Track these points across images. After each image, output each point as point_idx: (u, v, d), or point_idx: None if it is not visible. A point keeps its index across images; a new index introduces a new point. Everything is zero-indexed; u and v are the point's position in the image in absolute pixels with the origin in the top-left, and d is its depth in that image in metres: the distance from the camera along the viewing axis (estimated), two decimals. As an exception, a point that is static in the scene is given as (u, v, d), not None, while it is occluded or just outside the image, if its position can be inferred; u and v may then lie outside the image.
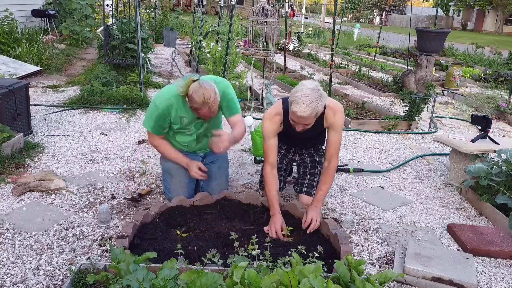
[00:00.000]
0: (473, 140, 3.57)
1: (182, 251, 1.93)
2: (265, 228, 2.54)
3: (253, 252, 1.89)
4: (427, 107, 5.34)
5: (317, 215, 2.55)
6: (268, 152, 2.70)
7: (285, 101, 2.62)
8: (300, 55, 11.79)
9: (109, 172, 3.37)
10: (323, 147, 3.11)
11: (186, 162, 2.81)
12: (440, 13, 34.53)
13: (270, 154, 2.70)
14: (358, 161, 4.04)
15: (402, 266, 2.28)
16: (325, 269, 1.91)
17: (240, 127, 2.78)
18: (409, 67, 8.25)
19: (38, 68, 6.73)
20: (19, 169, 3.28)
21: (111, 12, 7.35)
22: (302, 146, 3.05)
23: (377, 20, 31.85)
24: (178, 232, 2.40)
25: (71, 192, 2.98)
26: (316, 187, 2.93)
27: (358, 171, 3.72)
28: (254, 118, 3.88)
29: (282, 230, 2.49)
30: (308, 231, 2.49)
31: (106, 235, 2.49)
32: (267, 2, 5.03)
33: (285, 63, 8.67)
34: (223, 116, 2.90)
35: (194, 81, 2.51)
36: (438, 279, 2.17)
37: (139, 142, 4.10)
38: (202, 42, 7.42)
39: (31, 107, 4.21)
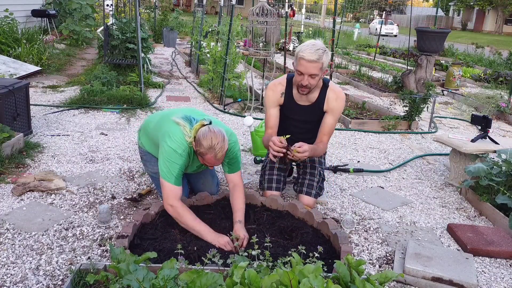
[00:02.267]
0: (473, 140, 3.56)
1: (182, 251, 1.94)
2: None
3: (253, 252, 1.89)
4: (427, 107, 5.34)
5: (307, 151, 2.57)
6: (269, 119, 2.81)
7: (290, 73, 2.73)
8: (300, 55, 11.77)
9: (109, 172, 3.37)
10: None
11: (212, 238, 2.33)
12: (440, 13, 34.51)
13: (271, 120, 2.81)
14: (358, 161, 4.04)
15: (402, 266, 2.28)
16: (325, 269, 1.91)
17: (240, 192, 2.56)
18: (409, 67, 8.25)
19: (38, 68, 6.73)
20: (19, 169, 3.27)
21: (111, 12, 7.35)
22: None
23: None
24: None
25: (71, 192, 2.98)
26: (316, 187, 2.93)
27: (358, 171, 3.72)
28: (254, 118, 3.88)
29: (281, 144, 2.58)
30: (292, 154, 2.54)
31: (106, 235, 2.49)
32: (267, 2, 5.03)
33: (285, 63, 8.64)
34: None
35: (204, 125, 2.38)
36: (438, 279, 2.17)
37: (139, 142, 4.10)
38: (202, 42, 7.42)
39: (31, 107, 4.21)
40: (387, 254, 2.50)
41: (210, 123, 2.40)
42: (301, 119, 2.87)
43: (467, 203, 3.29)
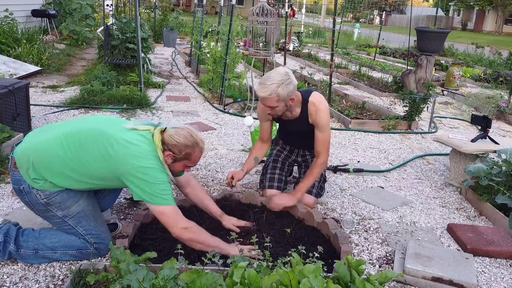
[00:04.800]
0: (473, 140, 3.56)
1: (182, 251, 1.93)
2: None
3: (253, 252, 1.89)
4: (427, 107, 5.34)
5: (287, 201, 2.71)
6: (262, 132, 2.93)
7: None
8: (300, 55, 11.79)
9: (109, 172, 3.37)
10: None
11: (227, 248, 2.14)
12: (440, 13, 34.52)
13: (264, 133, 2.93)
14: (358, 161, 4.04)
15: (402, 266, 2.28)
16: (325, 269, 1.91)
17: (199, 185, 2.52)
18: (409, 67, 8.25)
19: (38, 68, 6.73)
20: (19, 169, 3.27)
21: (111, 12, 7.35)
22: (305, 146, 3.06)
23: (377, 20, 31.86)
24: None
25: (71, 192, 2.98)
26: (317, 187, 2.94)
27: (358, 171, 3.72)
28: (254, 118, 3.88)
29: (233, 181, 2.78)
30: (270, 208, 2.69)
31: (106, 235, 2.48)
32: (267, 2, 5.03)
33: (285, 63, 8.65)
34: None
35: (162, 130, 2.10)
36: (438, 279, 2.17)
37: (139, 142, 4.10)
38: (202, 42, 7.42)
39: (31, 107, 4.21)
40: (387, 254, 2.50)
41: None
42: (294, 130, 2.94)
43: (467, 203, 3.29)
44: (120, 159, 1.97)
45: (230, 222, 2.45)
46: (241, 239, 2.29)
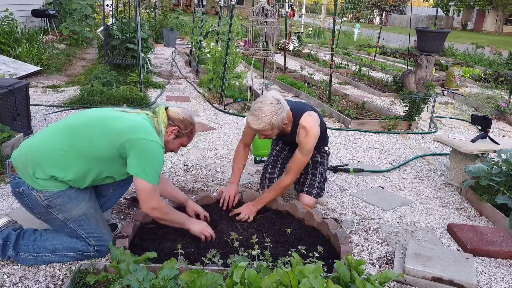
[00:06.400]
0: (473, 140, 3.56)
1: (182, 251, 1.94)
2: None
3: (253, 252, 1.89)
4: (427, 107, 5.34)
5: (249, 211, 2.63)
6: (245, 135, 2.87)
7: None
8: (300, 55, 11.79)
9: (109, 172, 3.37)
10: (326, 148, 3.12)
11: (187, 223, 2.35)
12: (440, 13, 34.54)
13: (247, 137, 2.86)
14: (358, 161, 4.04)
15: (402, 266, 2.28)
16: (325, 269, 1.92)
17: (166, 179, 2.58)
18: (409, 67, 8.25)
19: (38, 68, 6.73)
20: (19, 169, 3.27)
21: (111, 12, 7.35)
22: None
23: (377, 20, 31.87)
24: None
25: (71, 192, 2.97)
26: (317, 187, 2.93)
27: (358, 171, 3.72)
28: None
29: (234, 201, 2.73)
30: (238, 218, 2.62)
31: (106, 235, 2.48)
32: (267, 2, 5.02)
33: (285, 63, 8.67)
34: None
35: (166, 108, 2.25)
36: (438, 279, 2.17)
37: (139, 142, 4.10)
38: (202, 42, 7.42)
39: (31, 107, 4.21)
40: (387, 254, 2.50)
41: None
42: (288, 141, 2.99)
43: (467, 203, 3.29)
44: (123, 131, 2.04)
45: (193, 209, 2.54)
46: (242, 237, 2.30)
